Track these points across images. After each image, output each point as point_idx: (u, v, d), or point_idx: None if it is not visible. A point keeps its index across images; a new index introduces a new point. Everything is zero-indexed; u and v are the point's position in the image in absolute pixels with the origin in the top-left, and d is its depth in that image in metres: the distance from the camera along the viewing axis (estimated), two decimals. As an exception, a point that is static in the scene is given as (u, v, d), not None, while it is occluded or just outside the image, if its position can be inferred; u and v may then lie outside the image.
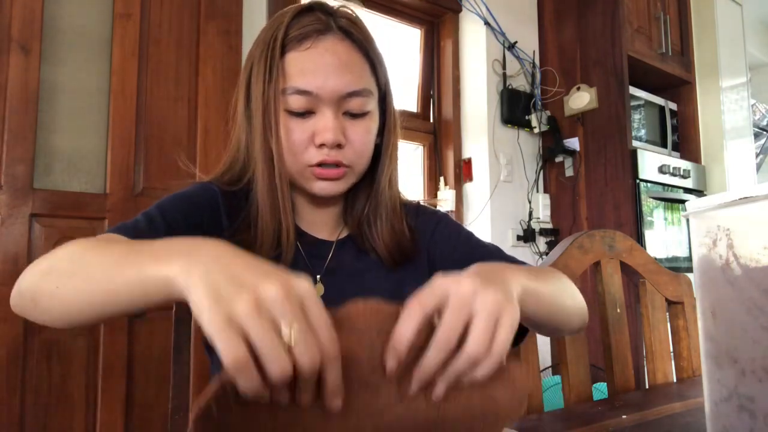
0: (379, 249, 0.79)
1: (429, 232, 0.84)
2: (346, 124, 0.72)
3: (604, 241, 1.04)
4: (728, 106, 2.84)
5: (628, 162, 2.37)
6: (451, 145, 2.51)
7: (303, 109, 0.70)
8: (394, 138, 0.80)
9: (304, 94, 0.69)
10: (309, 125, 0.71)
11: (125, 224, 0.66)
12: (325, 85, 0.69)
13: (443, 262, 0.82)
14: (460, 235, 0.84)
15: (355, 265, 0.80)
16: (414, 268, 0.82)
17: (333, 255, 0.79)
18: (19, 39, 1.42)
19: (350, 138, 0.72)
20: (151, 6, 1.63)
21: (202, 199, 0.74)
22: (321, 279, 0.77)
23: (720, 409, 0.43)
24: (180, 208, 0.71)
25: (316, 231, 0.80)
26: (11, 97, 1.40)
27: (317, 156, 0.71)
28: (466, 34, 2.56)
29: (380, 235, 0.79)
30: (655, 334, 1.06)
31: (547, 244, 2.55)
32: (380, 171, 0.79)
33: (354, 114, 0.72)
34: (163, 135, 1.61)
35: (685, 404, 0.80)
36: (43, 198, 1.43)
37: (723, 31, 2.88)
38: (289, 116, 0.71)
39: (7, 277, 1.38)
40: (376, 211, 0.79)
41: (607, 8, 2.48)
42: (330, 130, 0.69)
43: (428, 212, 0.88)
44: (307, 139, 0.71)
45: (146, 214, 0.68)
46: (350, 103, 0.71)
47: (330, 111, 0.70)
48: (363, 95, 0.72)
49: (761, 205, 0.40)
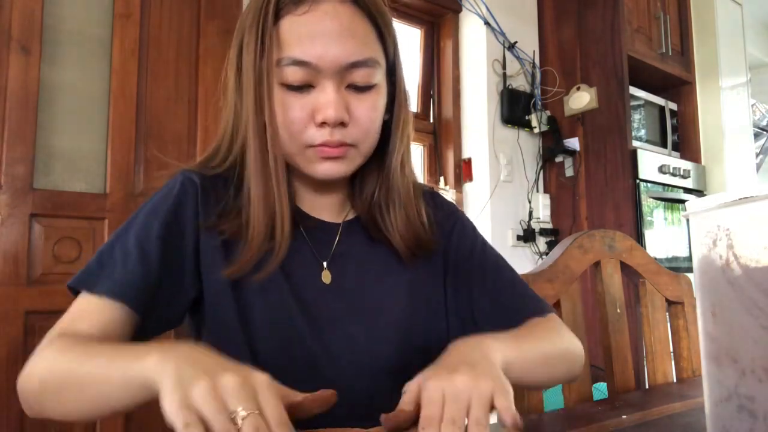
0: (395, 240, 0.71)
1: (447, 230, 0.78)
2: (349, 99, 0.64)
3: (604, 241, 1.04)
4: (728, 106, 2.84)
5: (628, 162, 2.37)
6: (451, 145, 2.51)
7: (301, 83, 0.62)
8: (404, 114, 0.71)
9: (302, 65, 0.61)
10: (308, 101, 0.63)
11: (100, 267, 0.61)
12: (326, 54, 0.61)
13: (454, 274, 0.77)
14: (477, 243, 0.79)
15: (366, 253, 0.73)
16: (430, 265, 0.76)
17: (340, 239, 0.72)
18: (19, 39, 1.42)
19: (355, 114, 0.64)
20: (151, 6, 1.63)
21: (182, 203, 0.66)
22: (328, 266, 0.70)
23: (720, 409, 0.43)
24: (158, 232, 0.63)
25: (319, 213, 0.73)
26: (11, 97, 1.40)
27: (318, 136, 0.63)
28: (466, 34, 2.56)
29: (395, 224, 0.71)
30: (655, 334, 1.06)
31: (547, 244, 2.55)
32: (391, 150, 0.70)
33: (359, 87, 0.64)
34: (163, 135, 1.61)
35: (685, 404, 0.80)
36: (43, 198, 1.43)
37: (723, 31, 2.88)
38: (285, 91, 0.63)
39: (7, 277, 1.38)
40: (388, 195, 0.71)
41: (607, 8, 2.48)
42: (332, 105, 0.61)
43: (445, 205, 0.81)
44: (307, 116, 0.63)
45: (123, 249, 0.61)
46: (354, 75, 0.63)
47: (332, 84, 0.62)
48: (369, 65, 0.63)
49: (761, 205, 0.40)
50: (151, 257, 0.61)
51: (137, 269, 0.60)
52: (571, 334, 0.73)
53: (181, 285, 0.64)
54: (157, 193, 0.67)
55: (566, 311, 0.96)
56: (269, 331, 0.65)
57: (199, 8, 1.71)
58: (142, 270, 0.60)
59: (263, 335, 0.65)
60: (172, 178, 0.68)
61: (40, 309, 1.41)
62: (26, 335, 1.38)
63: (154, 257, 0.61)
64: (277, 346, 0.65)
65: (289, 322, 0.66)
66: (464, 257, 0.77)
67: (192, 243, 0.65)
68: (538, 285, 0.93)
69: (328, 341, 0.67)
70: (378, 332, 0.69)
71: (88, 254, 1.48)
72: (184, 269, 0.64)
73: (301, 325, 0.66)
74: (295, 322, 0.66)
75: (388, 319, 0.71)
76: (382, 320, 0.70)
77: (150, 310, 0.61)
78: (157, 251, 0.62)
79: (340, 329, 0.68)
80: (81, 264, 1.47)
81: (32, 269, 1.42)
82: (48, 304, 1.41)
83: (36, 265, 1.42)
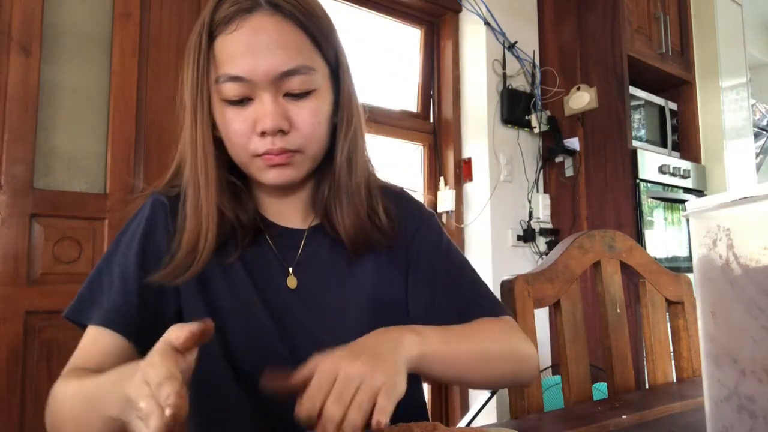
0: (342, 236, 0.74)
1: (412, 227, 0.80)
2: (288, 107, 0.66)
3: (604, 241, 1.04)
4: (728, 106, 2.83)
5: (628, 162, 2.37)
6: (451, 145, 2.51)
7: (239, 97, 0.65)
8: (349, 115, 0.73)
9: (237, 81, 0.64)
10: (249, 113, 0.66)
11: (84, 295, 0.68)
12: (257, 67, 0.63)
13: (418, 267, 0.79)
14: (441, 243, 0.81)
15: (330, 255, 0.76)
16: (392, 263, 0.78)
17: (305, 245, 0.75)
18: (19, 39, 1.42)
19: (295, 121, 0.66)
20: (151, 6, 1.63)
21: (155, 225, 0.71)
22: (293, 272, 0.73)
23: (720, 409, 0.43)
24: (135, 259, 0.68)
25: (284, 220, 0.76)
26: (11, 97, 1.40)
27: (261, 146, 0.66)
28: (466, 34, 2.56)
29: (341, 220, 0.73)
30: (655, 334, 1.06)
31: (547, 244, 2.55)
32: (336, 152, 0.73)
33: (296, 94, 0.66)
34: (163, 135, 1.61)
35: (685, 404, 0.80)
36: (43, 198, 1.43)
37: (723, 31, 2.88)
38: (226, 105, 0.66)
39: (7, 277, 1.38)
40: (337, 194, 0.74)
41: (607, 8, 2.48)
42: (269, 115, 0.64)
43: (412, 205, 0.84)
44: (249, 128, 0.66)
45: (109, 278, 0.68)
46: (289, 83, 0.65)
47: (268, 95, 0.65)
48: (302, 72, 0.65)
49: (761, 205, 0.40)
50: (132, 285, 0.67)
51: (120, 299, 0.66)
52: (524, 337, 0.74)
53: (166, 303, 0.69)
54: (133, 219, 0.73)
55: (566, 311, 0.96)
56: (244, 340, 0.69)
57: (199, 8, 1.71)
58: (125, 299, 0.66)
59: (237, 342, 0.69)
60: (144, 202, 0.74)
61: (40, 309, 1.41)
62: (26, 335, 1.38)
63: (135, 285, 0.67)
64: (252, 353, 0.69)
65: (260, 328, 0.70)
66: (428, 253, 0.80)
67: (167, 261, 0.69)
68: (538, 285, 0.93)
69: (298, 346, 0.70)
70: (343, 334, 0.71)
71: (88, 254, 1.48)
72: (164, 288, 0.68)
73: (271, 331, 0.69)
74: (266, 328, 0.70)
75: (353, 318, 0.73)
76: (346, 322, 0.73)
77: (141, 334, 0.65)
78: (136, 279, 0.67)
79: (307, 334, 0.71)
80: (81, 264, 1.48)
81: (32, 269, 1.42)
82: (48, 304, 1.41)
83: (36, 265, 1.42)
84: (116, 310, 0.65)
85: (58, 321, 1.43)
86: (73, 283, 1.45)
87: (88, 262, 1.48)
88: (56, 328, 1.42)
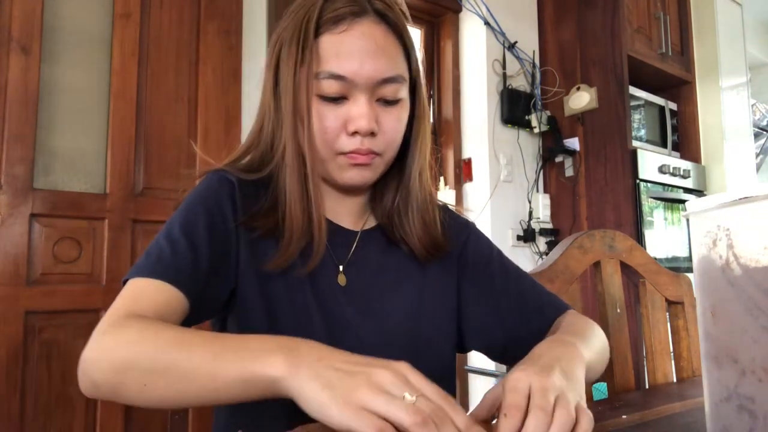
0: (411, 240, 0.76)
1: (461, 239, 0.83)
2: (378, 111, 0.69)
3: (604, 241, 1.04)
4: (728, 106, 2.83)
5: (628, 162, 2.37)
6: (451, 145, 2.51)
7: (337, 95, 0.67)
8: (424, 127, 0.77)
9: (339, 79, 0.66)
10: (342, 111, 0.68)
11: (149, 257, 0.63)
12: (361, 70, 0.66)
13: (474, 278, 0.81)
14: (493, 252, 0.84)
15: (382, 259, 0.78)
16: (443, 270, 0.80)
17: (357, 246, 0.77)
18: (19, 39, 1.42)
19: (383, 126, 0.69)
20: (151, 6, 1.63)
21: (222, 197, 0.70)
22: (344, 270, 0.75)
23: (720, 409, 0.43)
24: (204, 222, 0.66)
25: (338, 219, 0.77)
26: (11, 97, 1.40)
27: (349, 144, 0.68)
28: (466, 34, 2.56)
29: (412, 225, 0.76)
30: (655, 334, 1.06)
31: (547, 244, 2.55)
32: (410, 161, 0.76)
33: (387, 101, 0.70)
34: (163, 135, 1.61)
35: (685, 404, 0.80)
36: (43, 198, 1.43)
37: (723, 31, 2.88)
38: (321, 101, 0.68)
39: (7, 277, 1.38)
40: (407, 201, 0.76)
41: (607, 8, 2.48)
42: (365, 117, 0.67)
43: (460, 218, 0.87)
44: (340, 125, 0.68)
45: (170, 239, 0.64)
46: (384, 90, 0.68)
47: (364, 97, 0.67)
48: (397, 81, 0.69)
49: (761, 205, 0.40)
50: (200, 245, 0.64)
51: (187, 256, 0.63)
52: (592, 321, 0.76)
53: (226, 274, 0.68)
54: (195, 190, 0.71)
55: (566, 311, 0.96)
56: (292, 330, 0.67)
57: (199, 8, 1.71)
58: (191, 257, 0.63)
59: (286, 329, 0.68)
60: (205, 177, 0.72)
61: (40, 309, 1.41)
62: (26, 335, 1.38)
63: (203, 245, 0.65)
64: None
65: (309, 320, 0.70)
66: (483, 263, 0.82)
67: (233, 235, 0.69)
68: (538, 285, 0.93)
69: (341, 342, 0.69)
70: (387, 334, 0.73)
71: (88, 254, 1.48)
72: (229, 259, 0.68)
73: (318, 324, 0.70)
74: (314, 321, 0.70)
75: (397, 321, 0.74)
76: (391, 322, 0.74)
77: (198, 297, 0.63)
78: (204, 239, 0.65)
79: (352, 331, 0.71)
80: (81, 264, 1.48)
81: (32, 269, 1.42)
82: (48, 304, 1.42)
83: (36, 265, 1.42)
84: (180, 268, 0.62)
85: (58, 321, 1.43)
86: (73, 283, 1.45)
87: (88, 262, 1.48)
88: (56, 328, 1.42)
